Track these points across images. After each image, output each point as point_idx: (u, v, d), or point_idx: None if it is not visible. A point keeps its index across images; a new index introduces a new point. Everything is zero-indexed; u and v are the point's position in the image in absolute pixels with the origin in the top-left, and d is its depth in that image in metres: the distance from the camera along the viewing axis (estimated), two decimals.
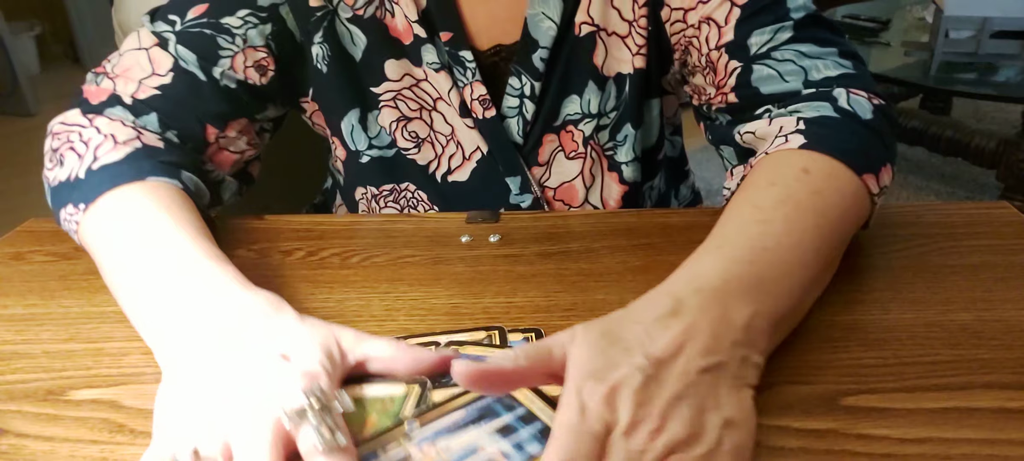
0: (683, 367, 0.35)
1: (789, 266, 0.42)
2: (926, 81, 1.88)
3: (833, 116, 0.51)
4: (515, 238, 0.57)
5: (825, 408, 0.38)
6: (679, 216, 0.60)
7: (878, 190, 0.49)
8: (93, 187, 0.51)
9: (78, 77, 0.63)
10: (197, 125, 0.60)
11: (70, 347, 0.46)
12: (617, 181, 0.68)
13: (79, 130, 0.56)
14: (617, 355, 0.35)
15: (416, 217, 0.63)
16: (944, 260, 0.51)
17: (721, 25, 0.58)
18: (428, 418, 0.36)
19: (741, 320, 0.38)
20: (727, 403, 0.34)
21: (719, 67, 0.59)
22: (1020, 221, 0.56)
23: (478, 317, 0.47)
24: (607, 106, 0.65)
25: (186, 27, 0.59)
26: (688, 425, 0.33)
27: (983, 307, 0.46)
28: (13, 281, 0.54)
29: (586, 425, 0.32)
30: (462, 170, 0.67)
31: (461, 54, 0.63)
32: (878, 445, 0.35)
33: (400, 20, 0.63)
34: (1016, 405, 0.37)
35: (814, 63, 0.55)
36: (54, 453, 0.37)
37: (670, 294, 0.39)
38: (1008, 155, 1.91)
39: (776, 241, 0.43)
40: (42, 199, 0.57)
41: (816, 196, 0.46)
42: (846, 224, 0.47)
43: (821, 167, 0.48)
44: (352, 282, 0.52)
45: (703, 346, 0.36)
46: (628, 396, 0.33)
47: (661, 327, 0.36)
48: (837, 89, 0.53)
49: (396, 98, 0.65)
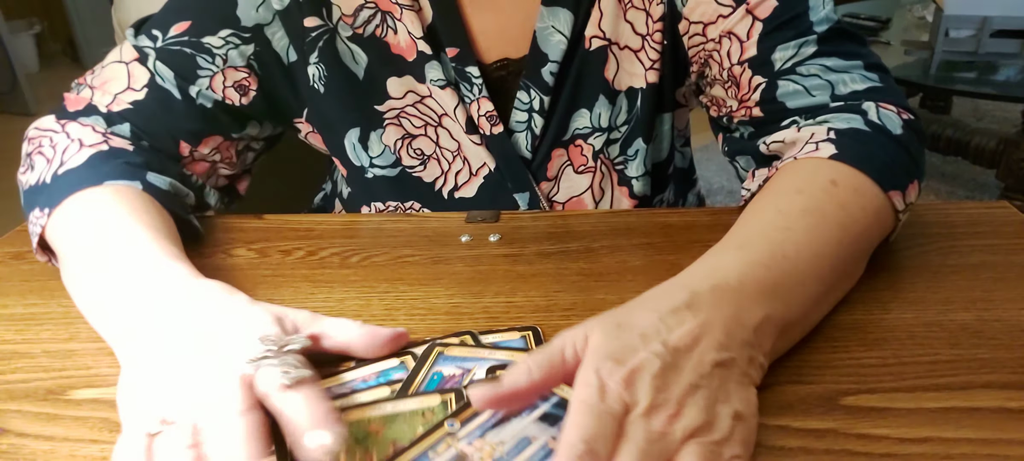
0: (698, 358, 0.35)
1: (805, 276, 0.42)
2: (926, 80, 1.88)
3: (864, 130, 0.51)
4: (515, 238, 0.57)
5: (825, 408, 0.38)
6: (679, 216, 0.60)
7: (904, 207, 0.49)
8: (56, 191, 0.52)
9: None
10: (169, 139, 0.61)
11: (70, 347, 0.46)
12: (627, 195, 0.67)
13: (51, 135, 0.58)
14: (635, 341, 0.35)
15: (416, 217, 0.63)
16: (944, 260, 0.51)
17: (743, 40, 0.57)
18: (465, 416, 0.36)
19: (752, 321, 0.38)
20: (736, 397, 0.35)
21: (743, 82, 0.58)
22: (1020, 220, 0.56)
23: (478, 317, 0.47)
24: (618, 120, 0.65)
25: (167, 44, 0.60)
26: (703, 413, 0.33)
27: (983, 307, 0.46)
28: (13, 280, 0.54)
29: (606, 404, 0.33)
30: (469, 186, 0.67)
31: (467, 70, 0.62)
32: (878, 445, 0.35)
33: (403, 37, 0.62)
34: (1016, 405, 0.37)
35: (841, 78, 0.55)
36: (54, 453, 0.37)
37: (686, 287, 0.39)
38: (1008, 154, 1.91)
39: (796, 250, 0.43)
40: None
41: (841, 210, 0.46)
42: (867, 240, 0.47)
43: (849, 181, 0.47)
44: (352, 282, 0.52)
45: (717, 341, 0.36)
46: (647, 380, 0.34)
47: (676, 319, 0.37)
48: (866, 103, 0.53)
49: (400, 116, 0.65)
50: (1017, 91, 1.82)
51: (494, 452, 0.34)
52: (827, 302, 0.45)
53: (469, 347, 0.42)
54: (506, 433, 0.35)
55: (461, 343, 0.42)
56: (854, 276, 0.48)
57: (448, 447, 0.34)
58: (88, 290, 0.47)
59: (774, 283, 0.41)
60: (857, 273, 0.48)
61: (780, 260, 0.42)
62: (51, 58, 4.00)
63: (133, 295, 0.43)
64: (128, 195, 0.52)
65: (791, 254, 0.42)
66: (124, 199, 0.51)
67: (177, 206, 0.56)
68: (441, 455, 0.34)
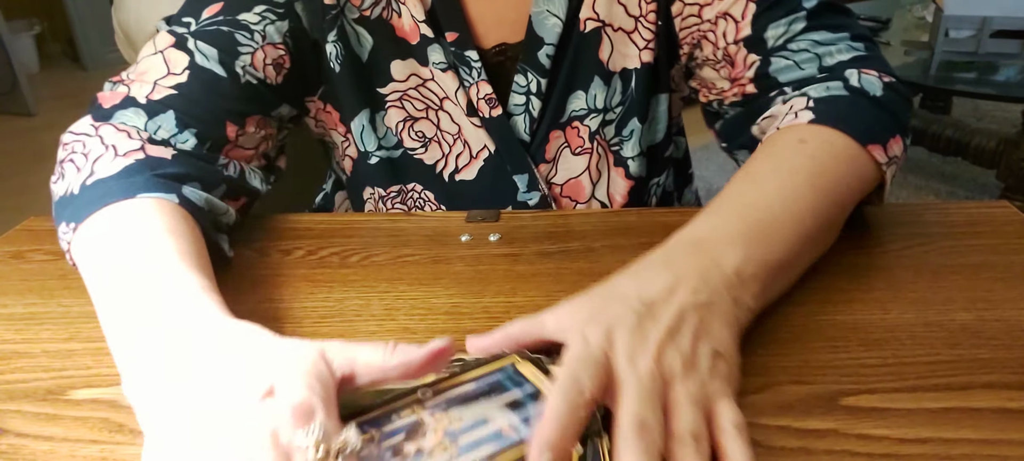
0: (674, 304, 0.38)
1: (780, 220, 0.45)
2: (926, 80, 1.88)
3: (843, 95, 0.53)
4: (515, 237, 0.57)
5: (825, 408, 0.38)
6: (679, 215, 0.60)
7: (886, 159, 0.51)
8: (83, 205, 0.49)
9: (77, 76, 0.63)
10: (216, 122, 0.57)
11: (70, 346, 0.46)
12: (623, 176, 0.68)
13: (85, 140, 0.54)
14: (612, 302, 0.38)
15: (416, 216, 0.63)
16: (944, 260, 0.51)
17: (738, 20, 0.59)
18: (441, 387, 0.37)
19: (730, 265, 0.41)
20: (717, 336, 0.38)
21: (738, 61, 0.60)
22: (1020, 220, 0.56)
23: (478, 317, 0.47)
24: (613, 101, 0.66)
25: (202, 26, 0.59)
26: (683, 355, 0.36)
27: (983, 307, 0.46)
28: (13, 280, 0.54)
29: (590, 351, 0.35)
30: (469, 169, 0.67)
31: (466, 54, 0.63)
32: (878, 445, 0.35)
33: (407, 20, 0.63)
34: (1017, 405, 0.37)
35: (828, 49, 0.57)
36: (54, 453, 0.37)
37: (662, 249, 0.43)
38: (1008, 154, 1.91)
39: (766, 200, 0.46)
40: (42, 198, 0.57)
41: (809, 160, 0.48)
42: (844, 186, 0.49)
43: (818, 136, 0.50)
44: (351, 281, 0.52)
45: (693, 286, 0.39)
46: (626, 332, 0.36)
47: (652, 275, 0.40)
48: (849, 70, 0.55)
49: (402, 98, 0.65)
50: (1017, 91, 1.82)
51: (449, 425, 0.35)
52: (813, 246, 0.47)
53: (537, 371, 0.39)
54: (468, 412, 0.35)
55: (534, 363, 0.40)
56: (837, 224, 0.50)
57: (412, 413, 0.35)
58: (110, 325, 0.42)
59: (747, 229, 0.43)
60: (840, 220, 0.50)
61: (750, 209, 0.45)
62: (51, 58, 4.00)
63: (157, 341, 0.38)
64: (162, 211, 0.48)
65: (760, 203, 0.45)
66: (157, 216, 0.47)
67: (210, 223, 0.52)
68: (403, 418, 0.35)
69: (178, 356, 0.36)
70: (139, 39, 0.91)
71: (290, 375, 0.33)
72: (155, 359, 0.37)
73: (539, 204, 0.67)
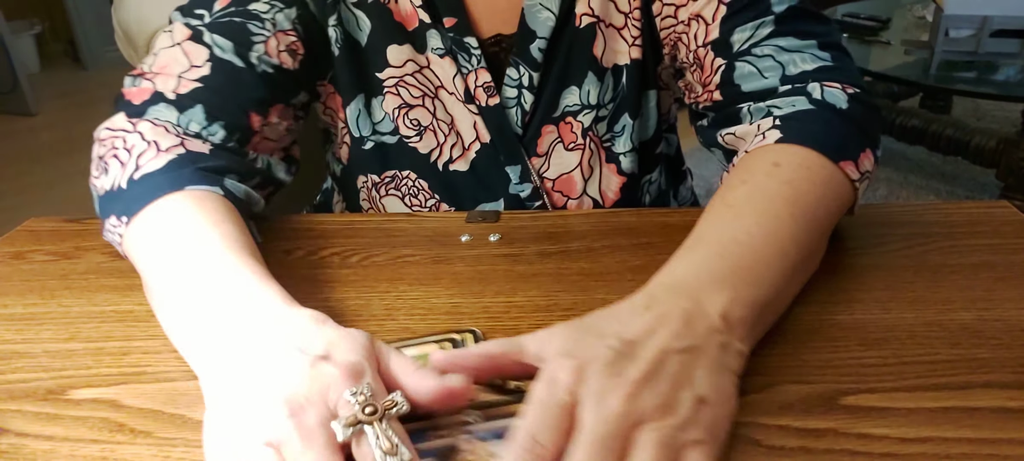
0: (654, 346, 0.36)
1: (765, 255, 0.43)
2: (926, 80, 1.89)
3: (808, 109, 0.52)
4: (515, 238, 0.57)
5: (825, 407, 0.38)
6: (679, 215, 0.60)
7: (858, 176, 0.50)
8: (135, 199, 0.50)
9: (78, 76, 0.63)
10: (242, 114, 0.58)
11: (70, 346, 0.46)
12: (615, 172, 0.68)
13: (124, 135, 0.54)
14: (589, 339, 0.36)
15: (416, 216, 0.63)
16: (944, 259, 0.51)
17: (709, 22, 0.59)
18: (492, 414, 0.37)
19: (716, 309, 0.38)
20: (703, 383, 0.35)
21: (706, 65, 0.60)
22: (1020, 220, 0.56)
23: (478, 317, 0.47)
24: (605, 97, 0.66)
25: (216, 18, 0.59)
26: (660, 397, 0.33)
27: (983, 306, 0.46)
28: (13, 280, 0.54)
29: (553, 396, 0.33)
30: (463, 159, 0.68)
31: (466, 40, 0.63)
32: (878, 444, 0.35)
33: (404, 5, 0.63)
34: (1016, 405, 0.37)
35: (792, 57, 0.56)
36: (54, 452, 0.37)
37: (644, 292, 0.40)
38: (1008, 154, 1.91)
39: (747, 233, 0.43)
40: (42, 198, 0.58)
41: (786, 186, 0.47)
42: (823, 210, 0.48)
43: (792, 159, 0.48)
44: (352, 281, 0.52)
45: (674, 331, 0.37)
46: (599, 369, 0.34)
47: (632, 315, 0.38)
48: (812, 83, 0.54)
49: (398, 85, 0.65)
50: (1017, 91, 1.82)
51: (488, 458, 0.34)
52: (798, 277, 0.45)
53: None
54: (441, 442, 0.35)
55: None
56: (820, 249, 0.48)
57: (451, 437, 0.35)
58: (172, 310, 0.44)
59: (732, 268, 0.41)
60: (822, 245, 0.49)
61: (732, 246, 0.43)
62: (52, 58, 4.00)
63: (220, 320, 0.40)
64: (210, 203, 0.49)
65: (743, 239, 0.43)
66: (205, 208, 0.48)
67: (248, 214, 0.54)
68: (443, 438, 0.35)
69: (242, 336, 0.38)
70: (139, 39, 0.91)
71: (344, 343, 0.36)
72: (220, 339, 0.39)
73: (531, 196, 0.67)
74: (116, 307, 0.50)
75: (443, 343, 0.42)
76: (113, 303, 0.50)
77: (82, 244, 0.59)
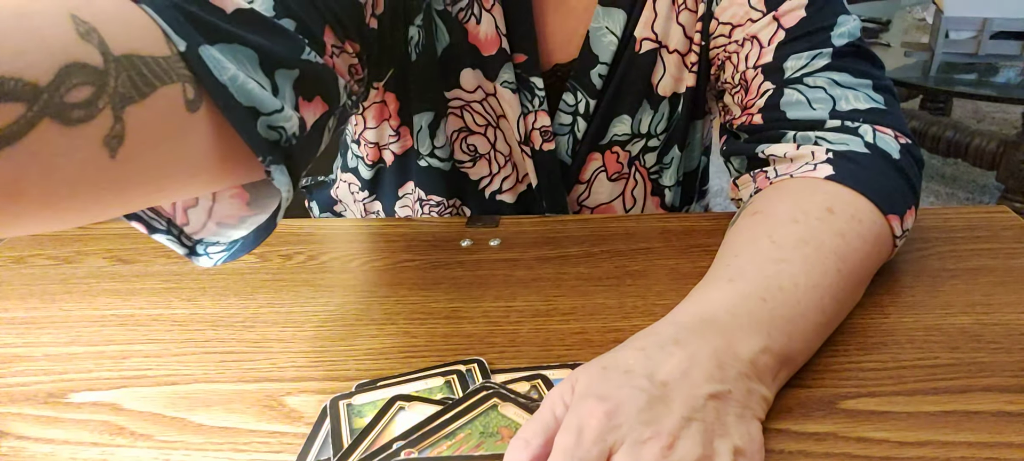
0: (689, 390, 0.34)
1: (804, 309, 0.40)
2: (926, 82, 1.88)
3: (863, 152, 0.49)
4: (515, 242, 0.57)
5: (824, 411, 0.38)
6: (678, 221, 0.60)
7: (901, 233, 0.48)
8: None
9: None
10: (318, 19, 0.46)
11: (71, 350, 0.46)
12: (658, 205, 0.66)
13: None
14: (618, 377, 0.34)
15: (417, 221, 0.63)
16: (943, 264, 0.51)
17: (764, 45, 0.56)
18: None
19: (748, 354, 0.37)
20: (735, 431, 0.34)
21: (752, 87, 0.57)
22: (1019, 225, 0.56)
23: (477, 321, 0.47)
24: (658, 127, 0.63)
25: None
26: (700, 447, 0.32)
27: (982, 311, 0.46)
28: (14, 284, 0.54)
29: (582, 447, 0.31)
30: (511, 193, 0.67)
31: (532, 80, 0.61)
32: (877, 448, 0.35)
33: (486, 28, 0.60)
34: (1015, 409, 0.38)
35: (845, 93, 0.53)
36: (54, 456, 0.37)
37: (673, 323, 0.38)
38: (1008, 156, 1.91)
39: (793, 282, 0.41)
40: None
41: (839, 239, 0.44)
42: (866, 268, 0.46)
43: (846, 207, 0.46)
44: (352, 286, 0.52)
45: (708, 373, 0.35)
46: (632, 413, 0.32)
47: (663, 353, 0.36)
48: (863, 126, 0.51)
49: (463, 109, 0.63)
50: (1017, 93, 1.82)
51: None
52: (828, 330, 0.43)
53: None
54: None
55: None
56: (853, 302, 0.46)
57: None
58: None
59: (771, 315, 0.39)
60: (856, 299, 0.46)
61: (776, 292, 0.40)
62: None
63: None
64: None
65: (788, 287, 0.41)
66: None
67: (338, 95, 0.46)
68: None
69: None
70: None
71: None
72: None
73: None
74: (117, 311, 0.50)
75: (450, 376, 0.41)
76: (114, 307, 0.50)
77: (83, 248, 0.59)
